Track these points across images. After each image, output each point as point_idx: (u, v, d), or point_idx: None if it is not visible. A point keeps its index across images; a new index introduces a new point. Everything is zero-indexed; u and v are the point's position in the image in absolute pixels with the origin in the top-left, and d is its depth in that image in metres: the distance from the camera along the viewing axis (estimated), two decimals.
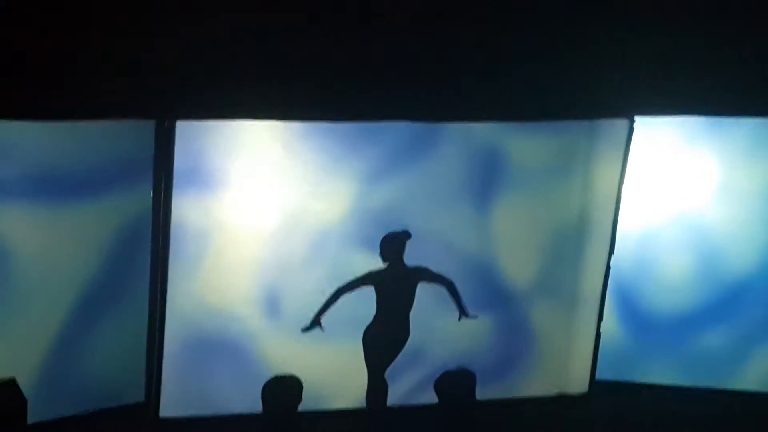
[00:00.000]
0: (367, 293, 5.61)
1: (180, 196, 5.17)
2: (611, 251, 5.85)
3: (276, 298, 5.48)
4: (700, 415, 5.97)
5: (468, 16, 5.55)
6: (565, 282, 5.88)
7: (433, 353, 5.79)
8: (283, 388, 5.48)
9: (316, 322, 5.54)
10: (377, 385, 5.76)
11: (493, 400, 5.87)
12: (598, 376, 6.03)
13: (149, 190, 5.19)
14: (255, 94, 5.20)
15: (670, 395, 6.09)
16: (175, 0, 5.16)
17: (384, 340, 5.72)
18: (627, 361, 6.09)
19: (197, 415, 5.48)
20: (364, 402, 5.77)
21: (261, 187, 5.29)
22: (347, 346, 5.67)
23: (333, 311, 5.55)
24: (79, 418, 5.29)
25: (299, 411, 5.53)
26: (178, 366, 5.40)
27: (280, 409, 5.43)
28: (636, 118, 5.65)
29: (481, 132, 5.54)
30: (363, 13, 5.38)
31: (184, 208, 5.19)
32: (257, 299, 5.45)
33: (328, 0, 5.36)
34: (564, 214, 5.79)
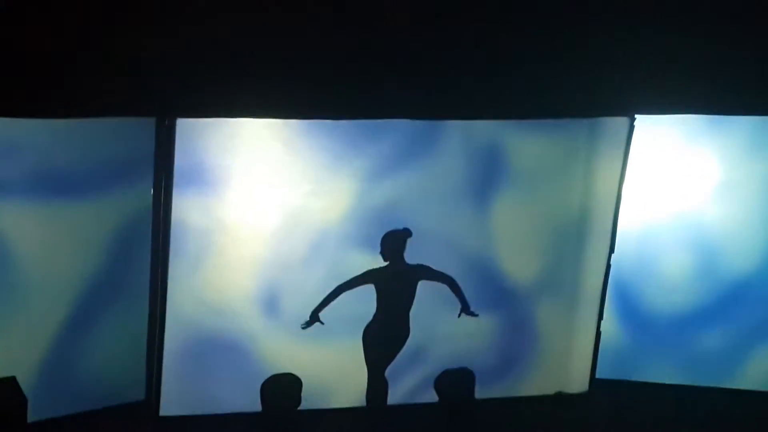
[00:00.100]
0: (368, 291, 5.61)
1: (180, 194, 5.16)
2: (611, 250, 5.85)
3: (276, 296, 5.47)
4: (699, 414, 5.98)
5: (468, 15, 5.54)
6: (566, 280, 5.88)
7: (434, 352, 5.78)
8: (282, 387, 5.47)
9: (315, 317, 5.53)
10: (377, 384, 5.75)
11: (493, 399, 5.87)
12: (599, 374, 6.03)
13: (149, 188, 5.18)
14: (255, 91, 5.20)
15: (669, 394, 6.09)
16: None
17: (384, 339, 5.72)
18: (627, 360, 6.09)
19: (197, 413, 5.48)
20: (364, 400, 5.77)
21: (261, 186, 5.28)
22: (347, 344, 5.67)
23: (333, 310, 5.55)
24: (79, 417, 5.29)
25: (299, 409, 5.54)
26: (179, 364, 5.39)
27: (280, 407, 5.43)
28: (636, 116, 5.65)
29: (481, 130, 5.53)
30: (363, 11, 5.37)
31: (185, 206, 5.19)
32: (257, 297, 5.44)
33: None
34: (564, 213, 5.78)
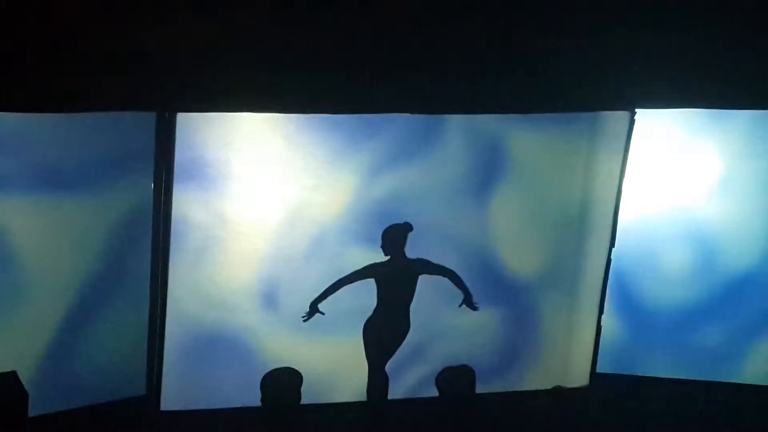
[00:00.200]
0: (368, 286, 5.61)
1: (181, 189, 5.16)
2: (612, 244, 5.85)
3: (276, 290, 5.47)
4: (699, 408, 5.99)
5: (469, 10, 5.54)
6: (566, 275, 5.88)
7: (435, 348, 5.79)
8: (282, 381, 5.47)
9: (314, 308, 5.53)
10: (378, 378, 5.75)
11: (494, 393, 5.87)
12: (599, 369, 6.03)
13: (150, 182, 5.18)
14: (256, 86, 5.19)
15: (670, 388, 6.10)
16: None
17: (385, 333, 5.72)
18: (627, 354, 6.09)
19: (198, 408, 5.48)
20: (364, 395, 5.77)
21: (262, 180, 5.28)
22: (348, 339, 5.66)
23: (334, 304, 5.54)
24: (80, 412, 5.29)
25: (300, 404, 5.54)
26: (179, 359, 5.39)
27: (280, 402, 5.43)
28: (637, 110, 5.65)
29: (482, 124, 5.53)
30: (364, 4, 5.36)
31: (185, 200, 5.18)
32: (258, 292, 5.44)
33: None
34: (565, 207, 5.78)
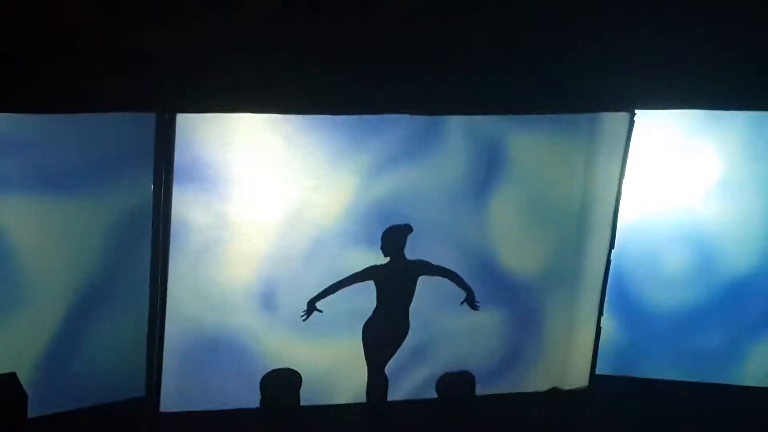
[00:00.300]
0: (367, 287, 5.60)
1: (180, 190, 5.15)
2: (612, 245, 5.85)
3: (276, 292, 5.46)
4: (699, 410, 5.98)
5: (469, 11, 5.54)
6: (566, 276, 5.88)
7: (435, 350, 5.78)
8: (282, 382, 5.48)
9: (312, 306, 5.51)
10: (377, 380, 5.74)
11: (493, 395, 5.87)
12: (599, 370, 6.03)
13: (150, 183, 5.17)
14: (256, 86, 5.19)
15: (669, 390, 6.09)
16: None
17: (384, 335, 5.71)
18: (627, 356, 6.09)
19: (198, 409, 5.47)
20: (364, 396, 5.76)
21: (262, 181, 5.27)
22: (347, 340, 5.65)
23: (333, 305, 5.53)
24: (80, 413, 5.28)
25: (299, 405, 5.54)
26: (179, 360, 5.39)
27: (280, 402, 5.43)
28: (637, 111, 5.64)
29: (482, 125, 5.52)
30: (365, 5, 5.36)
31: (185, 201, 5.18)
32: (258, 293, 5.43)
33: None
34: (565, 208, 5.78)
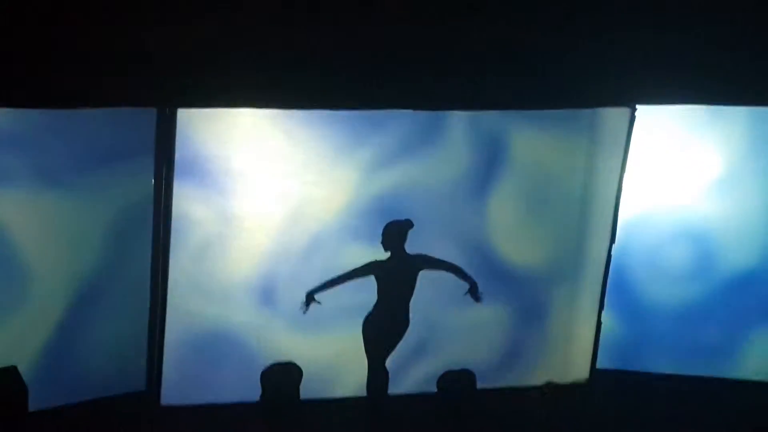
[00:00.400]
0: (368, 281, 5.60)
1: (181, 185, 5.16)
2: (612, 240, 5.85)
3: (277, 286, 5.47)
4: (699, 404, 5.98)
5: (470, 7, 5.53)
6: (567, 271, 5.88)
7: (435, 344, 5.79)
8: (282, 376, 5.49)
9: (311, 298, 5.52)
10: (378, 374, 5.75)
11: (493, 389, 5.88)
12: (599, 364, 6.03)
13: (150, 178, 5.18)
14: (257, 82, 5.19)
15: (669, 384, 6.09)
16: None
17: (384, 329, 5.72)
18: (628, 350, 6.09)
19: (198, 403, 5.48)
20: (364, 390, 5.77)
21: (263, 176, 5.27)
22: (348, 334, 5.66)
23: (334, 299, 5.54)
24: (80, 406, 5.30)
25: (300, 399, 5.55)
26: (179, 354, 5.40)
27: (280, 396, 5.44)
28: (638, 106, 5.64)
29: (483, 121, 5.52)
30: (364, 5, 5.36)
31: (186, 196, 5.19)
32: (258, 288, 5.44)
33: None
34: (566, 204, 5.78)
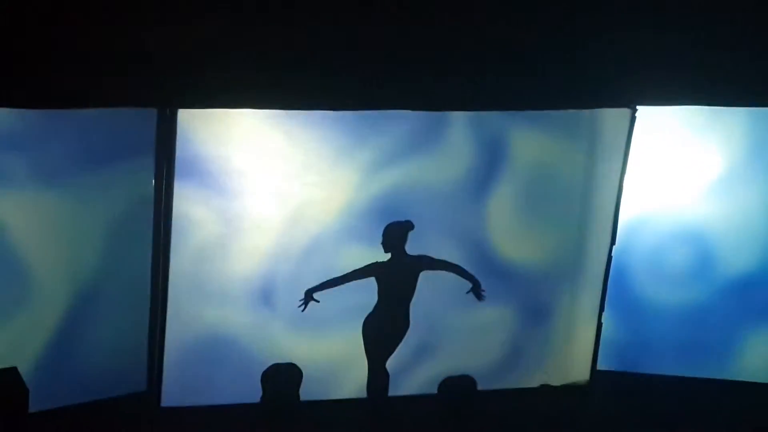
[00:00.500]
0: (368, 282, 5.60)
1: (182, 185, 5.16)
2: (613, 241, 5.85)
3: (277, 287, 5.47)
4: (700, 406, 5.99)
5: (471, 8, 5.54)
6: (567, 272, 5.88)
7: (437, 345, 5.79)
8: (283, 377, 5.49)
9: (309, 296, 5.51)
10: (378, 375, 5.75)
11: (493, 391, 5.88)
12: (600, 366, 6.03)
13: (151, 178, 5.18)
14: (258, 82, 5.20)
15: (670, 385, 6.09)
16: None
17: (384, 330, 5.72)
18: (629, 352, 6.09)
19: (199, 404, 5.48)
20: (365, 392, 5.77)
21: (263, 177, 5.27)
22: (348, 335, 5.66)
23: (334, 300, 5.54)
24: (81, 407, 5.29)
25: (300, 400, 5.55)
26: (180, 355, 5.39)
27: (281, 397, 5.44)
28: (638, 107, 5.64)
29: (483, 121, 5.52)
30: (364, 5, 5.36)
31: (186, 196, 5.18)
32: (258, 289, 5.44)
33: None
34: (566, 204, 5.78)
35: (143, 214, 5.22)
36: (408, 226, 5.55)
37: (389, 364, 5.75)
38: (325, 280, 5.50)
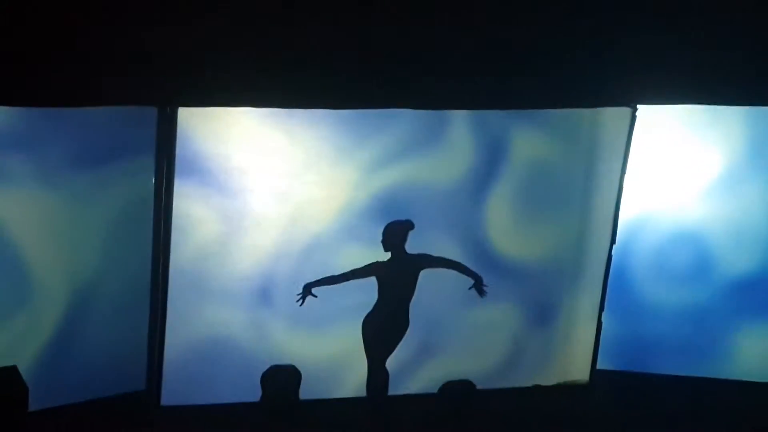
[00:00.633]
0: (368, 281, 5.60)
1: (182, 184, 5.15)
2: (613, 240, 5.85)
3: (277, 286, 5.46)
4: (700, 405, 5.99)
5: (471, 7, 5.54)
6: (567, 271, 5.88)
7: (437, 345, 5.78)
8: (282, 377, 5.49)
9: (307, 290, 5.50)
10: (378, 375, 5.75)
11: (493, 390, 5.87)
12: (600, 365, 6.03)
13: (151, 177, 5.18)
14: (258, 80, 5.20)
15: (671, 385, 6.09)
16: None
17: (384, 329, 5.71)
18: (628, 351, 6.09)
19: (198, 403, 5.47)
20: (364, 391, 5.76)
21: (263, 175, 5.27)
22: (348, 335, 5.66)
23: (334, 300, 5.54)
24: (80, 406, 5.29)
25: (299, 399, 5.55)
26: (180, 354, 5.38)
27: (280, 397, 5.44)
28: (638, 106, 5.64)
29: (484, 120, 5.52)
30: (364, 5, 5.37)
31: (186, 195, 5.18)
32: (258, 288, 5.43)
33: None
34: (566, 203, 5.78)
35: (143, 212, 5.22)
36: (408, 225, 5.54)
37: (389, 363, 5.74)
38: (325, 277, 5.49)
